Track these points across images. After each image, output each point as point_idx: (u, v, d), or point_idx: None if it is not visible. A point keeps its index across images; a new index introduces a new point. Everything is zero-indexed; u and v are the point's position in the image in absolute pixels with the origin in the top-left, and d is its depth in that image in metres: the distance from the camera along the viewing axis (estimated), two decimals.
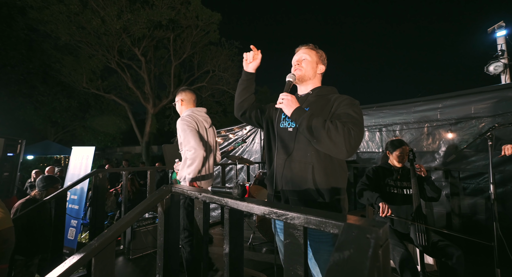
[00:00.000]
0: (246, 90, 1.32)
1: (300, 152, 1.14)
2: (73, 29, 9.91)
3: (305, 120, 1.04)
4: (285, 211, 0.79)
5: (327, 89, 1.25)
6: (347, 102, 1.11)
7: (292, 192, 1.14)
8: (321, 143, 1.01)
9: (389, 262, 0.63)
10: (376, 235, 0.56)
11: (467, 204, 2.56)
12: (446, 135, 2.75)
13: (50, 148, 10.43)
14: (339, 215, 0.69)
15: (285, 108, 1.11)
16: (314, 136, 1.02)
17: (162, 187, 1.37)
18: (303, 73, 1.23)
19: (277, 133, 1.25)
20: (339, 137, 0.96)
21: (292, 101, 1.11)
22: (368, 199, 1.86)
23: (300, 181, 1.12)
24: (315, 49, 1.27)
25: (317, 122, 1.01)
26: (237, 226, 1.01)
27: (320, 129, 0.99)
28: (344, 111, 1.07)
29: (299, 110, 1.08)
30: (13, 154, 2.34)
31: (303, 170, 1.12)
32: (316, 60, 1.25)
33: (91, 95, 13.92)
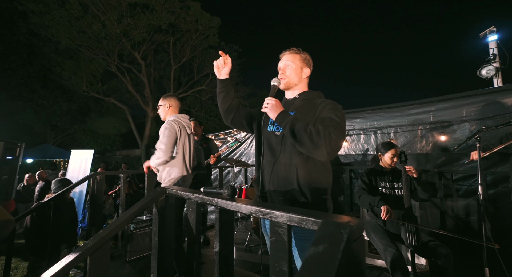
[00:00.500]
0: (227, 97, 1.34)
1: (285, 154, 1.18)
2: (73, 33, 10.02)
3: (289, 124, 1.08)
4: (270, 210, 0.83)
5: (314, 94, 1.29)
6: (330, 107, 1.15)
7: (278, 193, 1.19)
8: (304, 146, 1.05)
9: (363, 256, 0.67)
10: (350, 230, 0.60)
11: (460, 205, 2.59)
12: (439, 137, 2.80)
13: (49, 151, 10.47)
14: (319, 213, 0.73)
15: (270, 112, 1.15)
16: (297, 139, 1.06)
17: (157, 188, 1.41)
18: (288, 81, 1.27)
19: (264, 137, 1.29)
20: (320, 140, 1.00)
21: (277, 106, 1.15)
22: (370, 203, 1.88)
23: (286, 182, 1.16)
24: (298, 52, 1.29)
25: (299, 126, 1.05)
26: (227, 225, 1.05)
27: (302, 132, 1.03)
28: (327, 115, 1.12)
29: (283, 114, 1.12)
30: (12, 157, 2.38)
31: (288, 172, 1.16)
32: (300, 65, 1.28)
33: (91, 98, 14.00)
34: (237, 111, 1.36)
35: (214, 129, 14.26)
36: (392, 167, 2.09)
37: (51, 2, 9.83)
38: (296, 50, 1.30)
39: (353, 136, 3.45)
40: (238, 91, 13.75)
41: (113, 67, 11.77)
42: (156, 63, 13.42)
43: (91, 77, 11.78)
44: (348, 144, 3.48)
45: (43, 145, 10.94)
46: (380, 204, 1.83)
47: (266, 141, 1.29)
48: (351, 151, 3.47)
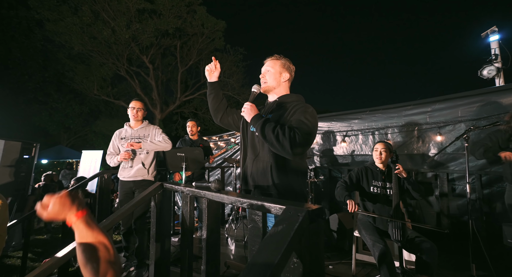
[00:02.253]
0: (216, 98, 1.51)
1: (263, 152, 1.31)
2: (85, 39, 10.46)
3: (259, 126, 1.22)
4: (248, 200, 0.94)
5: (293, 97, 1.41)
6: (301, 110, 1.27)
7: (257, 187, 1.32)
8: (272, 145, 1.18)
9: (320, 237, 0.76)
10: (306, 213, 0.70)
11: (456, 204, 2.61)
12: (435, 138, 2.82)
13: (63, 152, 10.90)
14: (286, 201, 0.84)
15: (246, 116, 1.31)
16: (266, 139, 1.20)
17: (155, 184, 1.54)
18: (266, 85, 1.41)
19: (248, 136, 1.43)
20: (285, 140, 1.13)
21: (251, 110, 1.30)
22: (339, 196, 1.98)
23: (263, 178, 1.29)
24: (279, 59, 1.42)
25: (268, 128, 1.18)
26: (213, 214, 1.16)
27: (270, 133, 1.17)
28: (296, 117, 1.24)
29: (256, 118, 1.27)
30: (28, 156, 2.57)
31: (264, 168, 1.29)
32: (280, 70, 1.40)
33: (101, 101, 14.49)
34: (225, 111, 1.53)
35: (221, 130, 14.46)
36: (381, 164, 2.15)
37: (65, 10, 10.31)
38: (277, 57, 1.43)
39: (351, 137, 3.51)
40: (243, 93, 13.92)
41: (123, 71, 12.17)
42: (163, 67, 13.78)
43: (102, 81, 12.22)
44: (347, 145, 3.54)
45: (57, 146, 11.41)
46: (346, 198, 1.92)
47: (249, 140, 1.42)
48: (350, 151, 3.52)
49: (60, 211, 0.72)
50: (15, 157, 2.46)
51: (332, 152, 3.77)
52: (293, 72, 1.47)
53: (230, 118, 1.55)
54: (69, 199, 0.74)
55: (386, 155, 2.15)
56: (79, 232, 0.71)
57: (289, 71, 1.43)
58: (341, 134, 3.62)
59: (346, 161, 3.63)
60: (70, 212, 0.72)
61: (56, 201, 0.72)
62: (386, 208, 2.04)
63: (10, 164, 2.42)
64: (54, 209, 0.71)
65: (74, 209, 0.73)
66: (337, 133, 3.67)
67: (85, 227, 0.71)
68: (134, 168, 2.48)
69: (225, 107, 1.53)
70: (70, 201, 0.73)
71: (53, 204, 0.72)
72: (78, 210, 0.73)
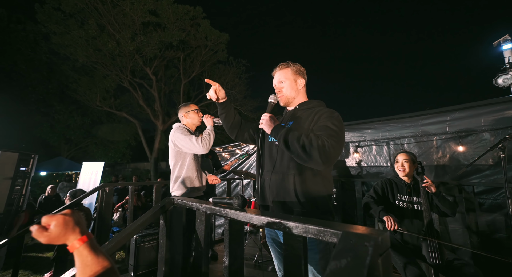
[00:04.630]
0: (228, 117, 1.41)
1: (283, 164, 1.18)
2: (90, 51, 10.57)
3: (282, 136, 1.09)
4: (284, 221, 0.77)
5: (314, 103, 1.29)
6: (326, 115, 1.15)
7: (277, 203, 1.17)
8: (298, 156, 1.05)
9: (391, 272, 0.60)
10: (374, 242, 0.54)
11: (485, 221, 2.41)
12: (456, 148, 2.67)
13: (63, 164, 10.72)
14: (337, 224, 0.68)
15: (265, 127, 1.19)
16: (291, 150, 1.07)
17: (165, 199, 1.37)
18: (285, 96, 1.29)
19: (265, 147, 1.31)
20: (313, 150, 1.00)
21: (271, 121, 1.18)
22: (372, 213, 1.80)
23: (284, 192, 1.15)
24: (289, 66, 1.31)
25: (292, 138, 1.06)
26: (237, 237, 0.99)
27: (295, 143, 1.04)
28: (323, 123, 1.12)
29: (277, 128, 1.15)
30: (25, 168, 2.42)
31: (285, 181, 1.15)
32: (294, 78, 1.29)
33: (103, 113, 14.47)
34: (239, 128, 1.43)
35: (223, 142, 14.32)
36: (404, 177, 1.98)
37: (72, 24, 10.50)
38: (285, 65, 1.32)
39: (364, 147, 3.36)
40: (246, 105, 13.91)
41: (126, 83, 12.23)
42: (166, 78, 13.87)
43: (105, 92, 12.26)
44: (360, 156, 3.38)
45: (57, 158, 11.24)
46: (382, 214, 1.73)
47: (267, 151, 1.30)
48: (363, 163, 3.36)
49: (62, 234, 0.59)
50: (11, 168, 2.31)
51: (344, 163, 3.61)
52: (305, 73, 1.36)
53: (246, 134, 1.45)
54: (72, 220, 0.61)
55: (409, 165, 2.00)
56: (82, 259, 0.59)
57: (302, 75, 1.33)
58: (353, 145, 3.47)
59: (359, 172, 3.46)
60: (73, 236, 0.60)
61: (58, 222, 0.59)
62: (415, 224, 1.86)
63: (5, 176, 2.26)
64: (55, 231, 0.59)
65: (78, 232, 0.61)
66: (349, 144, 3.52)
67: (90, 253, 0.60)
68: None
69: (239, 124, 1.43)
70: (74, 222, 0.61)
71: (54, 225, 0.59)
72: (82, 234, 0.61)
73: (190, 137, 1.92)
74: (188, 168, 2.02)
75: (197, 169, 2.07)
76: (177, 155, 2.04)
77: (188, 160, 2.04)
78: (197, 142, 1.90)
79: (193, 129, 2.17)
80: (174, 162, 2.05)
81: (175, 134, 1.99)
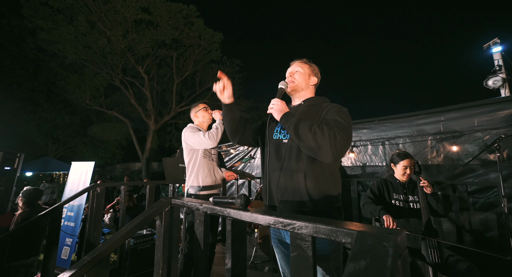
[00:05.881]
0: (232, 120, 1.33)
1: (292, 161, 1.15)
2: (79, 48, 10.27)
3: (293, 124, 1.06)
4: (292, 220, 0.74)
5: (319, 99, 1.29)
6: (335, 109, 1.14)
7: (286, 202, 1.14)
8: (307, 146, 1.03)
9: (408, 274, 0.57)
10: (394, 243, 0.51)
11: (478, 219, 2.46)
12: (450, 148, 2.72)
13: (50, 164, 10.34)
14: (350, 223, 0.65)
15: (275, 113, 1.16)
16: (300, 138, 1.04)
17: (162, 199, 1.31)
18: (295, 84, 1.27)
19: (271, 145, 1.26)
20: (324, 140, 0.98)
21: (282, 106, 1.16)
22: (371, 212, 1.80)
23: (294, 190, 1.12)
24: (308, 63, 1.32)
25: (304, 126, 1.04)
26: (240, 238, 0.95)
27: (306, 132, 1.02)
28: (332, 117, 1.10)
29: (288, 115, 1.12)
30: (10, 168, 2.30)
31: (295, 178, 1.12)
32: (309, 73, 1.30)
33: (93, 111, 14.09)
34: (244, 132, 1.37)
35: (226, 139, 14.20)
36: (405, 179, 1.99)
37: (60, 19, 10.17)
38: (306, 61, 1.33)
39: (360, 147, 3.38)
40: (239, 105, 13.85)
41: (117, 81, 11.95)
42: (159, 77, 13.64)
43: (95, 91, 11.93)
44: (355, 155, 3.40)
45: (44, 158, 10.84)
46: (382, 213, 1.74)
47: (273, 149, 1.26)
48: (358, 162, 3.38)
49: None
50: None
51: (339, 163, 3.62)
52: (319, 80, 1.36)
53: (249, 138, 1.39)
54: None
55: (412, 170, 2.00)
56: None
57: (317, 77, 1.33)
58: None
59: (354, 172, 3.48)
60: None
61: None
62: (412, 223, 1.87)
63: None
64: None
65: None
66: None
67: None
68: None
69: (242, 128, 1.36)
70: None
71: None
72: None
73: (198, 133, 2.01)
74: (200, 165, 2.07)
75: (209, 166, 2.08)
76: (189, 153, 2.11)
77: (199, 157, 2.08)
78: (205, 136, 1.98)
79: (205, 128, 2.23)
80: (188, 160, 2.12)
81: (185, 134, 2.08)
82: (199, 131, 2.03)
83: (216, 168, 2.17)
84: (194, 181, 2.05)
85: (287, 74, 1.32)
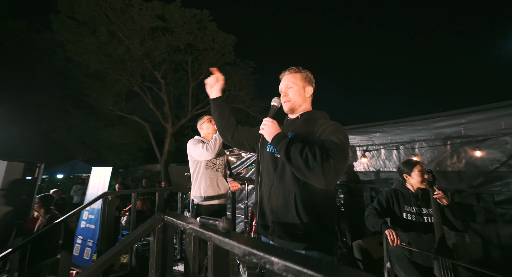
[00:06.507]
0: (221, 116, 1.29)
1: (284, 178, 1.09)
2: (101, 57, 10.89)
3: (284, 146, 1.00)
4: (265, 254, 0.69)
5: (317, 114, 1.20)
6: (331, 128, 1.06)
7: (277, 223, 1.08)
8: (299, 171, 0.96)
9: None
10: None
11: (508, 233, 2.22)
12: (473, 153, 2.48)
13: (77, 166, 11.09)
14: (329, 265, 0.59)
15: (266, 134, 1.10)
16: (292, 163, 0.98)
17: (155, 215, 1.32)
18: (291, 103, 1.20)
19: (264, 158, 1.21)
20: (316, 165, 0.91)
21: (273, 127, 1.09)
22: (373, 225, 1.68)
23: (284, 210, 1.07)
24: (299, 71, 1.23)
25: (295, 149, 0.97)
26: (222, 265, 0.92)
27: (297, 156, 0.95)
28: (327, 138, 1.02)
29: (279, 137, 1.06)
30: (31, 177, 2.47)
31: (286, 198, 1.07)
32: (303, 84, 1.21)
33: (115, 116, 14.87)
34: (235, 130, 1.31)
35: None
36: (424, 186, 1.82)
37: (84, 31, 10.86)
38: (296, 69, 1.24)
39: (372, 152, 3.21)
40: (254, 106, 13.86)
41: (136, 87, 12.50)
42: (175, 81, 14.06)
43: (116, 97, 12.59)
44: (368, 160, 3.23)
45: (72, 161, 11.65)
46: (384, 227, 1.61)
47: (266, 162, 1.21)
48: (371, 168, 3.21)
49: None
50: (17, 178, 2.36)
51: (351, 168, 3.47)
52: (314, 83, 1.27)
53: (243, 137, 1.32)
54: None
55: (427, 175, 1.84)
56: None
57: (311, 84, 1.24)
58: (361, 149, 3.33)
59: (367, 178, 3.31)
60: None
61: None
62: (424, 238, 1.72)
63: (12, 185, 2.31)
64: None
65: None
66: (356, 148, 3.38)
67: None
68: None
69: (234, 125, 1.31)
70: None
71: None
72: None
73: (198, 145, 2.05)
74: (202, 176, 2.12)
75: (212, 177, 2.10)
76: (193, 164, 2.18)
77: (202, 168, 2.14)
78: (203, 148, 2.01)
79: (210, 140, 2.24)
80: (192, 171, 2.19)
81: (188, 146, 2.15)
82: (199, 143, 2.06)
83: (221, 179, 2.17)
84: (197, 192, 2.07)
85: (281, 92, 1.24)
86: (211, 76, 1.29)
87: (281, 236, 1.09)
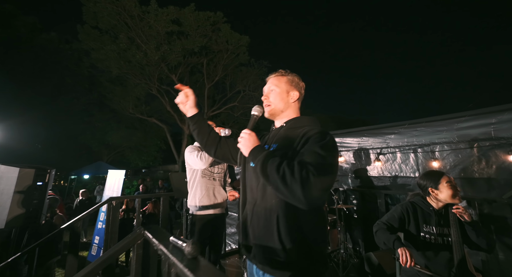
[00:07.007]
0: (201, 133, 1.20)
1: (266, 196, 0.97)
2: (121, 63, 11.40)
3: (260, 162, 0.88)
4: None
5: (303, 121, 1.06)
6: (315, 137, 0.91)
7: (259, 247, 0.97)
8: (277, 190, 0.84)
9: None
10: None
11: None
12: (506, 158, 2.17)
13: (101, 167, 11.75)
14: None
15: (242, 148, 0.98)
16: (269, 181, 0.86)
17: (136, 230, 1.27)
18: (271, 108, 1.09)
19: (247, 173, 1.10)
20: (294, 183, 0.79)
21: (250, 140, 0.97)
22: (385, 242, 1.48)
23: (265, 233, 0.95)
24: (285, 75, 1.11)
25: (272, 166, 0.85)
26: None
27: (274, 173, 0.83)
28: (310, 149, 0.88)
29: (255, 151, 0.93)
30: (42, 183, 2.58)
31: (268, 219, 0.95)
32: (287, 88, 1.09)
33: (136, 119, 15.56)
34: (218, 145, 1.22)
35: None
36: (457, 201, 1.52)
37: (106, 39, 11.45)
38: (282, 73, 1.13)
39: (387, 155, 2.95)
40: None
41: (154, 90, 12.94)
42: (191, 84, 14.33)
43: (136, 100, 13.14)
44: (382, 164, 2.98)
45: (97, 163, 12.38)
46: (397, 245, 1.40)
47: (249, 177, 1.10)
48: (386, 172, 2.96)
49: None
50: (28, 184, 2.47)
51: (365, 172, 3.23)
52: (303, 89, 1.16)
53: (227, 151, 1.23)
54: None
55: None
56: None
57: (298, 88, 1.12)
58: (375, 152, 3.08)
59: (382, 183, 3.06)
60: None
61: None
62: (440, 259, 1.49)
63: (24, 191, 2.42)
64: None
65: None
66: (370, 151, 3.14)
67: None
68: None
69: (216, 140, 1.22)
70: None
71: None
72: None
73: (193, 153, 1.99)
74: (197, 185, 2.06)
75: (209, 186, 2.03)
76: (189, 171, 2.13)
77: (198, 176, 2.08)
78: (197, 157, 1.94)
79: None
80: (189, 179, 2.14)
81: (185, 154, 2.10)
82: (194, 151, 2.00)
83: (218, 188, 2.09)
84: (192, 201, 2.02)
85: (263, 97, 1.14)
86: (179, 94, 1.19)
87: (262, 261, 0.97)
